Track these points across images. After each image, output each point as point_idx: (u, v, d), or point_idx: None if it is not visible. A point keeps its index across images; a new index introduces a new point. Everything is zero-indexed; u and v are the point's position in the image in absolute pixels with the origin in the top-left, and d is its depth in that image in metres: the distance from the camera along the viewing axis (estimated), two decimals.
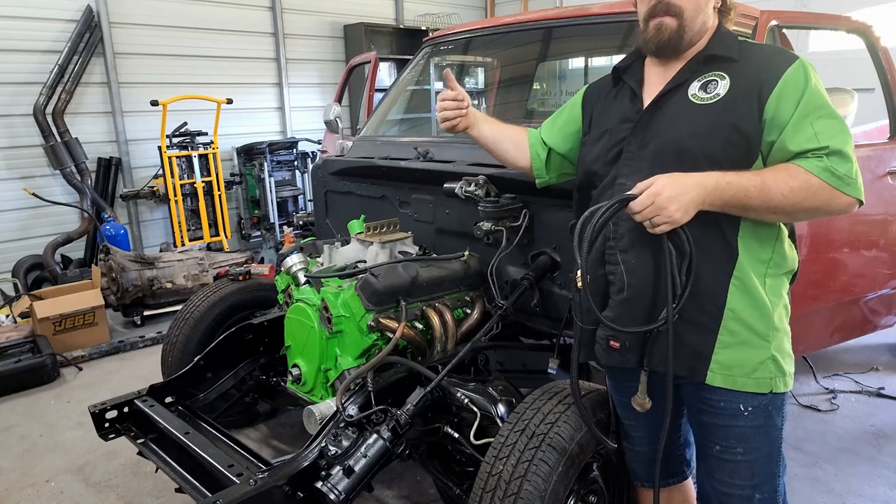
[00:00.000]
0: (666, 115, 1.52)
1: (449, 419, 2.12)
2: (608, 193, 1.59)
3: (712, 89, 1.48)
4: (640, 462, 1.83)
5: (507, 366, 2.59)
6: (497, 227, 2.36)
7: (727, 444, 1.56)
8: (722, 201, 1.40)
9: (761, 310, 1.49)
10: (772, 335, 1.50)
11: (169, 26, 6.16)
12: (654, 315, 1.52)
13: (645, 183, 1.42)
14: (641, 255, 1.52)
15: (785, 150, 1.42)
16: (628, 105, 1.62)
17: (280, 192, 6.67)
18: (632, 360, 1.60)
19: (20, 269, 5.36)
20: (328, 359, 2.39)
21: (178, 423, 2.27)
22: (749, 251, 1.49)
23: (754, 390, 1.50)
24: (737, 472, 1.57)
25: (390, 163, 2.93)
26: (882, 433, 3.20)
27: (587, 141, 1.74)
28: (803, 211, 1.43)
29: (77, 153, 5.53)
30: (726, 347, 1.50)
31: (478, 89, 6.52)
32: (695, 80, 1.51)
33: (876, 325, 3.25)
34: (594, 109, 1.76)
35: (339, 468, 1.88)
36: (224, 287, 3.15)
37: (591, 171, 1.68)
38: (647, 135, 1.54)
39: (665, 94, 1.53)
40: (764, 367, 1.50)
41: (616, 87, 1.71)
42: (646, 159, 1.52)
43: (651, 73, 1.62)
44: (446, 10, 8.71)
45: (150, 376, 3.37)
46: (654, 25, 1.52)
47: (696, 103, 1.48)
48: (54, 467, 3.03)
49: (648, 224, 1.42)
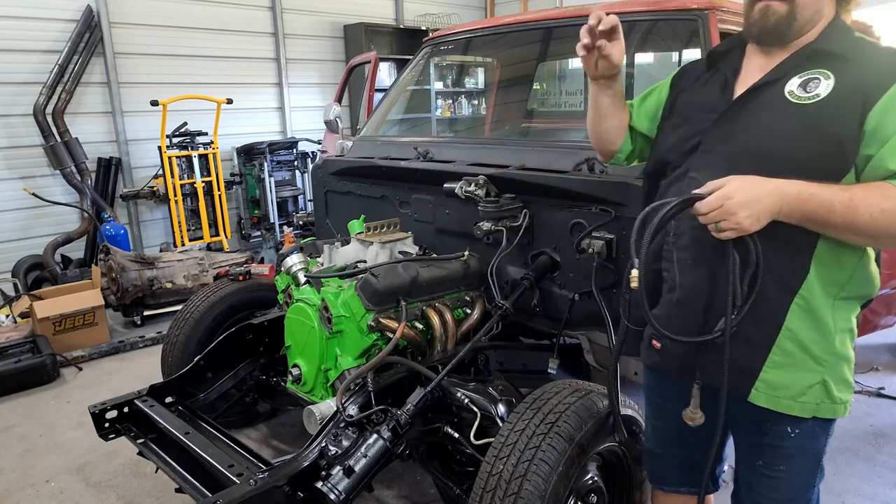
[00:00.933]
0: (755, 111, 1.39)
1: (449, 419, 2.12)
2: (677, 186, 1.48)
3: (812, 88, 1.32)
4: (662, 465, 1.75)
5: (507, 366, 2.60)
6: (497, 227, 2.36)
7: (770, 462, 1.50)
8: (801, 214, 1.27)
9: (822, 333, 1.38)
10: (828, 360, 1.39)
11: (169, 26, 6.16)
12: (707, 324, 1.43)
13: (716, 183, 1.29)
14: (699, 257, 1.43)
15: (883, 168, 1.27)
16: (717, 94, 1.49)
17: (280, 192, 6.67)
18: (671, 366, 1.54)
19: (20, 269, 5.35)
20: (328, 359, 2.39)
21: (179, 423, 2.27)
22: (823, 270, 1.36)
23: (798, 414, 1.41)
24: (777, 488, 1.52)
25: (390, 163, 2.93)
26: (881, 433, 3.20)
27: (665, 127, 1.62)
28: (891, 237, 1.28)
29: (77, 153, 5.53)
30: (776, 367, 1.40)
31: (478, 89, 6.54)
32: (795, 75, 1.36)
33: (876, 325, 3.25)
34: (680, 94, 1.62)
35: (340, 468, 1.88)
36: (224, 287, 3.15)
37: (664, 160, 1.56)
38: (731, 129, 1.41)
39: (759, 87, 1.40)
40: (811, 392, 1.40)
41: (709, 72, 1.56)
42: (724, 156, 1.40)
43: (750, 64, 1.47)
44: (446, 11, 8.71)
45: (150, 376, 3.37)
46: (760, 9, 1.37)
47: (792, 101, 1.34)
48: (54, 467, 3.03)
49: (713, 228, 1.30)
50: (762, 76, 1.40)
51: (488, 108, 4.40)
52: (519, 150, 2.73)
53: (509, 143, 3.36)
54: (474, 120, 6.45)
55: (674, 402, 1.57)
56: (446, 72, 6.73)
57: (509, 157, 2.61)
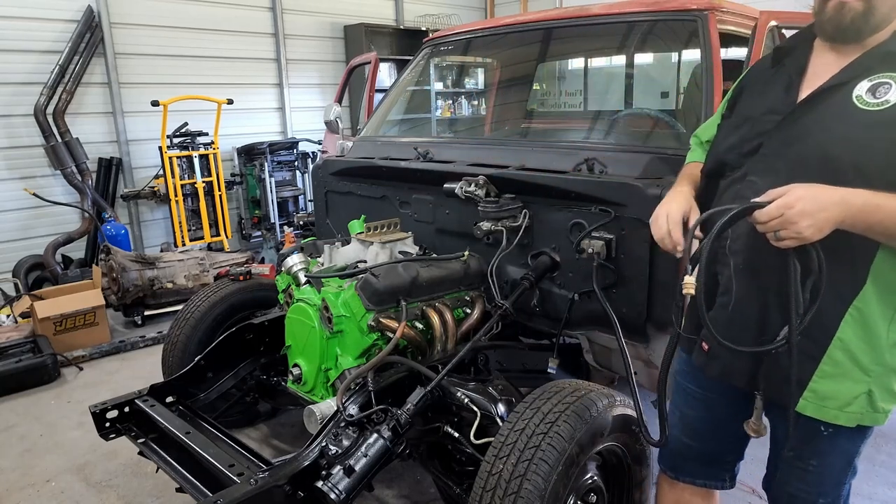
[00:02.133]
0: (821, 115, 1.33)
1: (449, 419, 2.13)
2: (735, 189, 1.44)
3: (882, 94, 1.26)
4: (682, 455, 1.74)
5: (507, 366, 2.60)
6: (497, 227, 2.36)
7: (802, 454, 1.49)
8: (866, 224, 1.23)
9: (873, 344, 1.35)
10: (876, 371, 1.37)
11: (169, 27, 6.16)
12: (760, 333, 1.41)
13: (778, 191, 1.24)
14: (754, 265, 1.40)
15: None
16: (781, 94, 1.43)
17: (280, 192, 6.68)
18: (714, 370, 1.52)
19: (21, 269, 5.36)
20: (329, 358, 2.40)
21: (179, 423, 2.27)
22: (882, 281, 1.33)
23: (843, 423, 1.40)
24: (806, 480, 1.51)
25: (390, 163, 2.94)
26: (880, 433, 3.20)
27: (725, 126, 1.57)
28: None
29: (78, 153, 5.53)
30: (826, 377, 1.38)
31: (478, 90, 6.54)
32: (864, 79, 1.30)
33: None
34: (742, 92, 1.57)
35: (340, 468, 1.89)
36: (225, 287, 3.15)
37: (723, 161, 1.51)
38: (794, 134, 1.36)
39: (826, 90, 1.34)
40: (857, 402, 1.38)
41: (774, 69, 1.50)
42: (786, 161, 1.35)
43: (818, 62, 1.41)
44: (446, 11, 8.71)
45: (150, 376, 3.37)
46: (835, 5, 1.30)
47: (860, 107, 1.28)
48: (55, 467, 3.03)
49: (772, 236, 1.25)
50: (829, 79, 1.35)
51: (488, 109, 4.41)
52: (519, 150, 2.73)
53: (509, 143, 3.36)
54: (474, 120, 6.45)
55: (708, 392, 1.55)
56: (446, 72, 6.72)
57: (509, 158, 2.62)
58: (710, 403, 1.55)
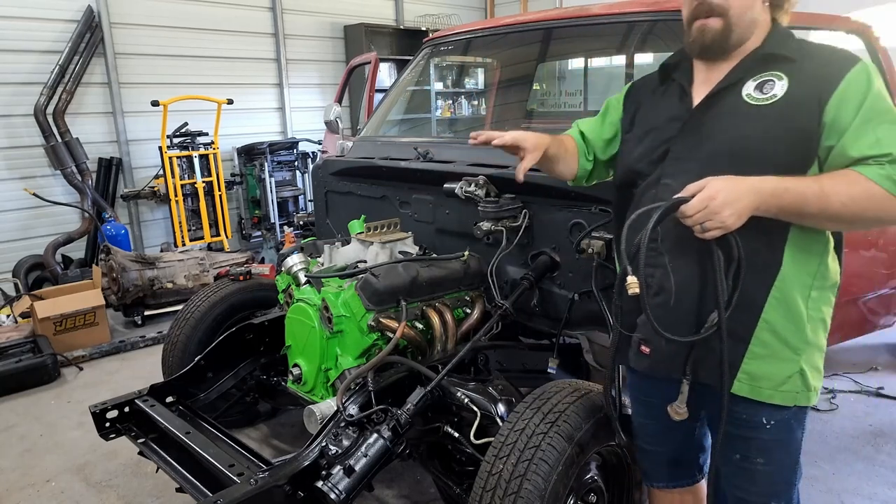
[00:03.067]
0: (718, 116, 1.46)
1: (449, 419, 2.13)
2: (651, 193, 1.54)
3: (768, 90, 1.41)
4: (651, 462, 1.81)
5: (507, 366, 2.60)
6: (497, 227, 2.36)
7: (747, 454, 1.54)
8: (778, 208, 1.34)
9: (797, 323, 1.45)
10: (803, 349, 1.46)
11: (169, 27, 6.16)
12: (698, 323, 1.47)
13: (696, 185, 1.35)
14: (684, 259, 1.47)
15: (845, 156, 1.35)
16: (677, 103, 1.56)
17: (280, 192, 6.68)
18: (660, 369, 1.57)
19: (21, 269, 5.36)
20: (329, 358, 2.40)
21: (179, 423, 2.27)
22: (795, 262, 1.43)
23: (779, 403, 1.47)
24: (755, 482, 1.55)
25: (390, 163, 2.94)
26: (880, 432, 3.20)
27: (629, 139, 1.68)
28: (862, 220, 1.38)
29: (78, 153, 5.53)
30: (756, 358, 1.46)
31: (478, 90, 6.54)
32: (749, 79, 1.44)
33: (875, 325, 3.26)
34: (638, 107, 1.69)
35: (340, 468, 1.89)
36: (225, 287, 3.15)
37: (635, 170, 1.62)
38: (697, 135, 1.48)
39: (717, 93, 1.47)
40: (791, 381, 1.46)
41: (663, 84, 1.64)
42: (695, 160, 1.46)
43: (701, 72, 1.55)
44: (446, 11, 8.72)
45: (150, 376, 3.37)
46: (698, 28, 1.45)
47: (751, 104, 1.42)
48: (55, 467, 3.03)
49: (699, 228, 1.35)
50: (718, 83, 1.48)
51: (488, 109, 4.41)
52: None
53: None
54: (474, 120, 6.45)
55: (660, 399, 1.61)
56: (446, 72, 6.73)
57: (509, 158, 2.61)
58: (662, 410, 1.58)
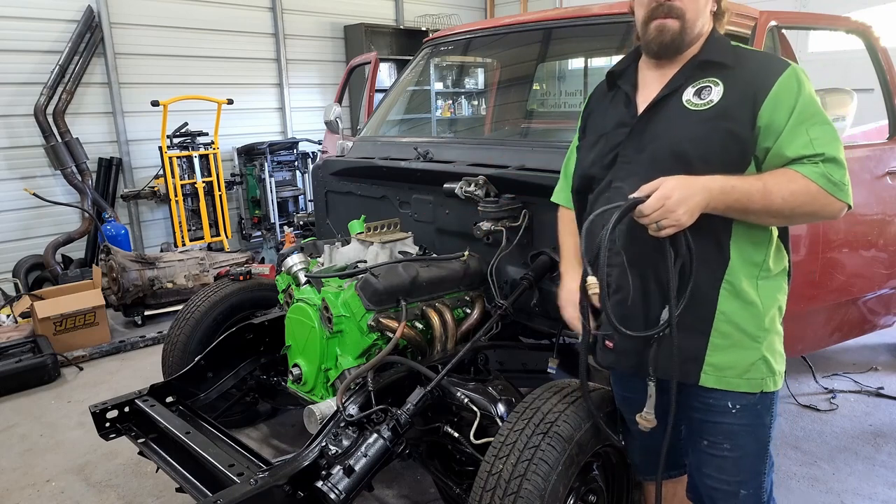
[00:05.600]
0: (662, 121, 1.54)
1: (449, 419, 2.13)
2: (605, 196, 1.60)
3: (706, 95, 1.50)
4: (640, 455, 1.85)
5: (506, 365, 2.60)
6: (497, 227, 2.36)
7: (714, 440, 1.59)
8: (725, 205, 1.42)
9: (752, 312, 1.52)
10: (762, 336, 1.53)
11: (169, 27, 6.17)
12: (652, 318, 1.53)
13: (651, 186, 1.41)
14: (639, 257, 1.53)
15: (781, 156, 1.44)
16: (623, 110, 1.63)
17: (280, 192, 6.68)
18: (624, 364, 1.63)
19: (21, 269, 5.36)
20: (328, 358, 2.40)
21: (179, 423, 2.27)
22: (741, 255, 1.51)
23: (746, 390, 1.53)
24: (723, 468, 1.59)
25: (390, 163, 2.94)
26: (880, 432, 3.20)
27: (583, 146, 1.75)
28: (801, 215, 1.46)
29: (78, 153, 5.53)
30: (718, 350, 1.52)
31: (478, 90, 6.54)
32: (689, 86, 1.53)
33: (875, 324, 3.26)
34: (590, 114, 1.77)
35: (340, 468, 1.89)
36: (225, 287, 3.15)
37: (588, 175, 1.69)
38: (643, 140, 1.55)
39: (659, 100, 1.55)
40: (755, 368, 1.53)
41: (611, 91, 1.72)
42: (642, 163, 1.53)
43: (646, 77, 1.63)
44: (446, 11, 8.71)
45: (150, 376, 3.38)
46: (656, 27, 1.52)
47: (690, 109, 1.50)
48: (55, 467, 3.03)
49: (654, 227, 1.41)
50: (660, 90, 1.55)
51: (488, 109, 4.41)
52: (519, 150, 2.73)
53: (509, 143, 3.36)
54: (474, 120, 6.45)
55: (637, 394, 1.66)
56: (446, 72, 6.72)
57: (509, 158, 2.62)
58: (636, 404, 1.63)
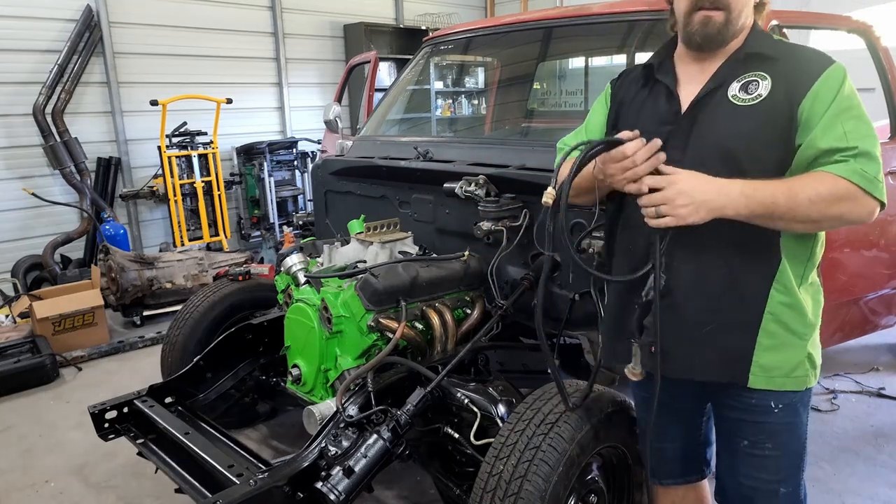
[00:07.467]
0: (707, 118, 1.48)
1: (449, 419, 2.12)
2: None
3: (753, 90, 1.44)
4: (660, 459, 1.80)
5: (507, 366, 2.60)
6: (497, 227, 2.36)
7: (756, 440, 1.56)
8: (748, 210, 1.36)
9: (799, 310, 1.49)
10: (808, 334, 1.52)
11: (169, 26, 6.15)
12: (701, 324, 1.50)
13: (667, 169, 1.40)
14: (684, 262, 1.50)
15: (814, 147, 1.38)
16: (664, 106, 1.55)
17: (280, 191, 6.67)
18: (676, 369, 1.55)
19: (19, 269, 5.35)
20: (328, 359, 2.39)
21: (178, 424, 2.27)
22: (790, 253, 1.48)
23: (791, 388, 1.51)
24: (764, 467, 1.57)
25: (390, 163, 2.93)
26: (881, 433, 3.20)
27: None
28: (831, 218, 1.39)
29: (76, 153, 5.52)
30: (766, 350, 1.49)
31: (478, 89, 6.53)
32: (734, 80, 1.47)
33: (876, 325, 3.25)
34: (622, 106, 1.67)
35: (339, 468, 1.88)
36: (224, 287, 3.15)
37: None
38: (688, 137, 1.49)
39: (704, 96, 1.49)
40: (801, 366, 1.51)
41: (647, 85, 1.63)
42: (686, 162, 1.46)
43: (685, 71, 1.56)
44: (446, 10, 8.71)
45: (149, 376, 3.36)
46: (701, 19, 1.45)
47: (738, 104, 1.44)
48: (54, 467, 3.03)
49: (652, 212, 1.38)
50: (704, 85, 1.49)
51: (488, 108, 4.41)
52: (519, 149, 2.73)
53: (509, 142, 3.36)
54: (474, 120, 6.44)
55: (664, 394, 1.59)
56: (446, 71, 6.71)
57: (509, 157, 2.61)
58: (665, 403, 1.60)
